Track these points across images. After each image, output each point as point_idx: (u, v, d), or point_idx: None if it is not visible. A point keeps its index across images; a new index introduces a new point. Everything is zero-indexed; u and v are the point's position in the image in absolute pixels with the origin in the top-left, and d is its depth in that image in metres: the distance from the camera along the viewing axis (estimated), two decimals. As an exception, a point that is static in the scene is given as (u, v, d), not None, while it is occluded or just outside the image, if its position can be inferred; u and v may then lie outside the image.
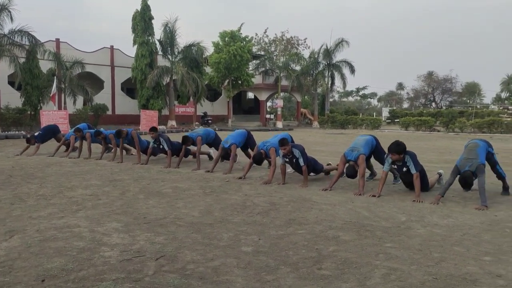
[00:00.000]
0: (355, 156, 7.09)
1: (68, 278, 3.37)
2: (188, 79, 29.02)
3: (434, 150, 15.15)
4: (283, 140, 7.58)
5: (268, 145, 8.19)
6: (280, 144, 7.55)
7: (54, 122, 21.67)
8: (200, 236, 4.49)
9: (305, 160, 7.54)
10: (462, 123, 29.57)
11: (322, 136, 23.77)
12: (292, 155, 7.53)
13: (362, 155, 7.08)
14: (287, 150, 7.49)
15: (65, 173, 8.78)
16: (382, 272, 3.52)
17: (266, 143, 8.29)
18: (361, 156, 7.05)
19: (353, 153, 7.17)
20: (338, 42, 37.87)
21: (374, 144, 7.66)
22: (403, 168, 6.66)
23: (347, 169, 7.12)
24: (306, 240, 4.36)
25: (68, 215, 5.38)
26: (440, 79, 64.78)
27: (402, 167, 6.66)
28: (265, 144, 8.29)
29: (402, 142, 6.65)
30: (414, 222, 5.08)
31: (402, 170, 6.72)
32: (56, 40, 30.67)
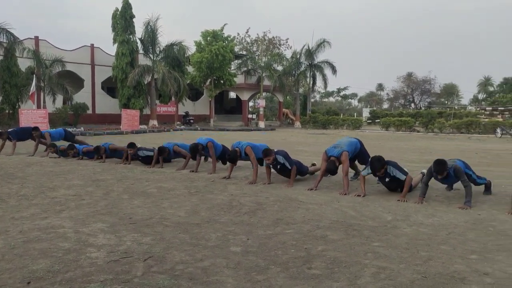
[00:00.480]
0: (338, 153, 7.09)
1: (54, 280, 3.30)
2: (169, 78, 28.82)
3: (414, 150, 15.34)
4: (266, 150, 7.54)
5: (243, 144, 8.14)
6: (264, 155, 7.50)
7: (34, 121, 21.38)
8: (188, 237, 4.45)
9: (291, 163, 7.54)
10: (441, 123, 30.03)
11: (304, 136, 23.86)
12: (276, 161, 7.50)
13: (345, 151, 7.09)
14: (271, 160, 7.46)
15: (47, 173, 8.61)
16: (371, 271, 3.54)
17: (241, 142, 8.25)
18: (344, 153, 7.06)
19: (335, 149, 7.19)
20: (319, 42, 38.07)
21: (358, 147, 7.67)
22: (386, 179, 6.67)
23: (328, 164, 7.07)
24: (294, 240, 4.36)
25: (51, 215, 5.27)
26: (419, 80, 65.73)
27: (385, 177, 6.66)
28: (240, 143, 8.24)
29: (381, 156, 6.62)
30: (400, 221, 5.13)
31: (384, 180, 6.72)
32: (35, 38, 30.11)
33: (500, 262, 3.79)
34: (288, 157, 7.61)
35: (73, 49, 32.39)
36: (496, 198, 6.58)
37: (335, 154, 7.08)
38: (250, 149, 7.96)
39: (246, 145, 8.02)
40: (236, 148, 8.09)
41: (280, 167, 7.56)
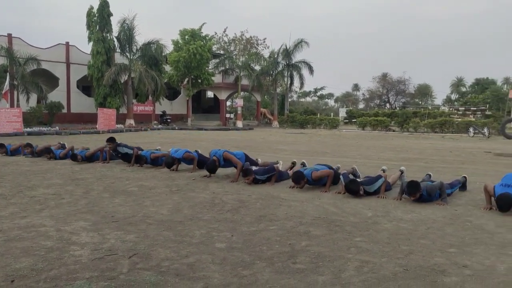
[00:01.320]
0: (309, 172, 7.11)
1: (39, 278, 3.26)
2: (146, 77, 28.58)
3: (391, 148, 15.60)
4: (246, 171, 7.43)
5: (220, 151, 8.06)
6: (243, 174, 7.43)
7: (7, 120, 20.89)
8: (172, 234, 4.45)
9: (272, 174, 7.53)
10: (416, 123, 30.58)
11: (282, 136, 23.97)
12: (256, 180, 7.46)
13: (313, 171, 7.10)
14: (251, 180, 7.37)
15: (24, 172, 8.46)
16: (355, 264, 3.62)
17: (218, 151, 8.14)
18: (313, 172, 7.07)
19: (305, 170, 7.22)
20: (297, 42, 38.33)
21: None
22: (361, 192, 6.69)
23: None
24: (278, 236, 4.41)
25: (31, 214, 5.19)
26: (394, 80, 66.78)
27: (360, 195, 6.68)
28: (217, 151, 8.15)
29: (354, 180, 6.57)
30: (380, 217, 5.23)
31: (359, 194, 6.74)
32: (8, 35, 29.43)
33: (478, 255, 3.92)
34: (267, 171, 7.56)
35: (47, 47, 31.77)
36: (471, 194, 6.78)
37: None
38: (228, 153, 7.92)
39: (223, 151, 7.98)
40: (214, 157, 7.98)
41: (261, 183, 7.50)
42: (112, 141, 9.67)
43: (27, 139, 15.70)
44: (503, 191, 5.61)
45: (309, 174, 6.99)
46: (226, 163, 8.05)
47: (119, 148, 9.61)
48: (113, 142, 9.63)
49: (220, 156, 7.94)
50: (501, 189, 5.70)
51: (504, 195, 5.53)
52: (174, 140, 17.87)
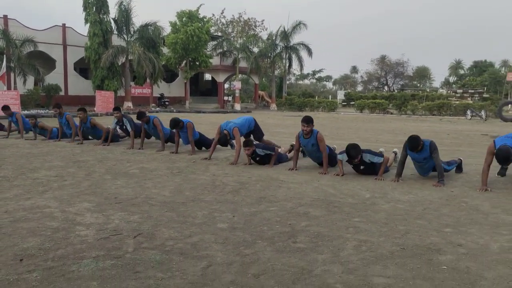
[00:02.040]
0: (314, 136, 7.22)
1: (46, 257, 3.36)
2: (144, 60, 28.44)
3: (389, 131, 15.70)
4: (247, 141, 7.57)
5: (231, 125, 8.21)
6: (244, 145, 7.54)
7: (5, 102, 20.82)
8: (174, 214, 4.55)
9: (272, 149, 7.65)
10: (414, 105, 30.67)
11: (281, 119, 24.03)
12: (255, 153, 7.60)
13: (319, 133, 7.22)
14: (250, 151, 7.52)
15: (24, 154, 8.53)
16: (353, 244, 3.73)
17: (229, 123, 8.29)
18: (318, 134, 7.18)
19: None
20: (295, 24, 38.04)
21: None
22: (361, 166, 6.80)
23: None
24: (278, 217, 4.51)
25: (35, 196, 5.28)
26: (392, 63, 66.63)
27: (359, 165, 6.78)
28: (227, 124, 8.30)
29: (357, 144, 6.69)
30: (378, 199, 5.34)
31: (359, 168, 6.84)
32: (4, 17, 29.13)
33: (473, 234, 4.03)
34: (267, 147, 7.71)
35: (43, 29, 31.49)
36: (467, 176, 6.89)
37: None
38: (237, 130, 8.04)
39: (234, 126, 8.08)
40: (225, 131, 8.13)
41: (259, 159, 7.62)
42: (118, 110, 10.06)
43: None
44: (502, 143, 5.75)
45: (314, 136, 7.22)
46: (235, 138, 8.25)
47: (124, 119, 9.85)
48: (120, 111, 9.98)
49: (230, 129, 8.12)
50: (500, 140, 5.84)
51: (503, 146, 5.66)
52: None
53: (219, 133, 8.21)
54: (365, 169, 6.78)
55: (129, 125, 9.77)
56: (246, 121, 8.64)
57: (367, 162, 6.67)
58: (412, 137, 6.30)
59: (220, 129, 8.26)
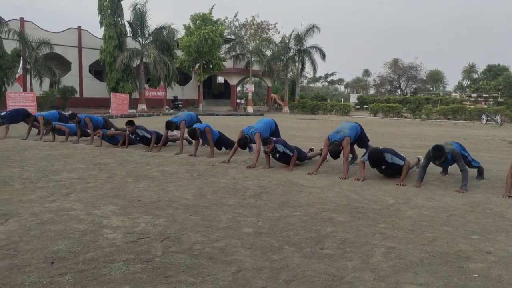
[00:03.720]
0: (340, 137, 7.22)
1: (77, 260, 3.39)
2: (159, 62, 28.61)
3: (405, 135, 15.59)
4: (266, 139, 7.63)
5: (252, 130, 8.24)
6: (263, 143, 7.60)
7: (21, 104, 21.10)
8: (199, 218, 4.56)
9: (292, 150, 7.66)
10: (428, 109, 30.42)
11: (294, 121, 23.99)
12: (275, 150, 7.62)
13: (347, 137, 7.24)
14: (270, 148, 7.57)
15: (45, 156, 8.61)
16: (381, 250, 3.70)
17: (250, 128, 8.32)
18: (346, 138, 7.20)
19: (337, 134, 7.32)
20: (309, 27, 38.02)
21: (359, 131, 7.85)
22: (382, 166, 6.80)
23: (332, 147, 7.18)
24: (303, 222, 4.50)
25: (59, 198, 5.33)
26: (405, 66, 66.25)
27: (381, 165, 6.79)
28: (249, 129, 8.33)
29: (377, 150, 6.69)
30: (402, 204, 5.30)
31: (381, 168, 6.86)
32: (20, 19, 29.54)
33: (501, 242, 3.99)
34: (287, 145, 7.72)
35: (59, 31, 31.87)
36: (489, 182, 6.82)
37: (337, 139, 7.21)
38: (259, 136, 8.07)
39: (255, 132, 8.14)
40: (246, 135, 8.20)
41: (279, 156, 7.66)
42: (131, 124, 9.87)
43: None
44: None
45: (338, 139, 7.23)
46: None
47: (138, 130, 9.80)
48: (132, 125, 9.82)
49: (252, 135, 8.19)
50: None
51: None
52: (187, 126, 17.96)
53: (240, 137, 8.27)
54: (387, 170, 6.76)
55: (146, 133, 9.79)
56: (267, 124, 8.69)
57: (389, 162, 6.65)
58: (436, 148, 6.26)
59: (241, 134, 8.31)
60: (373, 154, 6.57)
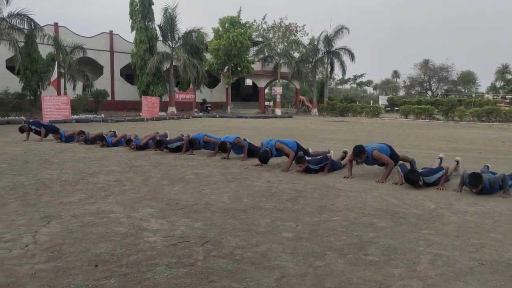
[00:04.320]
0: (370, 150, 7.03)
1: (120, 263, 3.40)
2: (189, 66, 28.87)
3: (440, 138, 15.22)
4: (299, 158, 7.49)
5: (273, 141, 8.13)
6: (296, 162, 7.49)
7: (56, 107, 21.61)
8: (237, 222, 4.53)
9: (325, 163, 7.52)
10: (461, 111, 29.69)
11: (324, 124, 23.79)
12: (308, 169, 7.47)
13: (374, 149, 7.03)
14: (303, 168, 7.42)
15: (81, 159, 8.76)
16: (428, 258, 3.59)
17: (270, 141, 8.20)
18: (374, 151, 7.00)
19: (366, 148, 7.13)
20: (338, 29, 37.68)
21: (389, 153, 7.51)
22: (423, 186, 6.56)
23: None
24: (343, 227, 4.41)
25: (98, 200, 5.39)
26: (436, 67, 64.99)
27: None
28: (269, 142, 8.19)
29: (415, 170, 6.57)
30: (444, 210, 5.15)
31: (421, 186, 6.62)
32: (54, 24, 30.31)
33: (554, 250, 3.81)
34: (320, 161, 7.56)
35: (92, 36, 32.55)
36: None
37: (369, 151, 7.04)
38: (280, 143, 7.97)
39: (275, 141, 8.03)
40: (267, 148, 8.03)
41: (313, 172, 7.51)
42: (160, 145, 9.91)
43: (76, 126, 16.28)
44: None
45: (370, 151, 6.94)
46: (278, 153, 8.11)
47: (169, 145, 9.83)
48: (161, 146, 9.88)
49: (272, 146, 7.99)
50: None
51: None
52: (217, 128, 18.06)
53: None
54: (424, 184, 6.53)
55: (177, 143, 9.81)
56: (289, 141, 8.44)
57: (429, 183, 6.43)
58: (474, 175, 5.93)
59: (262, 146, 8.25)
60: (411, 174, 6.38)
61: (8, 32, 23.56)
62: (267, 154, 7.98)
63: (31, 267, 3.32)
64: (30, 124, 12.50)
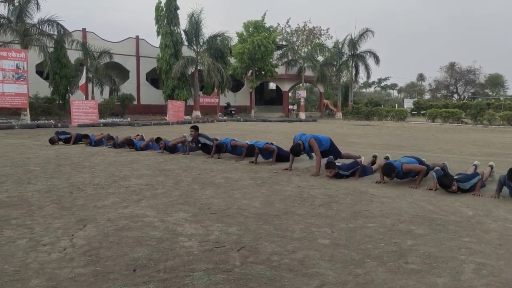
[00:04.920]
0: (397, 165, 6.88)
1: (158, 268, 3.39)
2: (213, 70, 29.05)
3: (471, 142, 14.88)
4: (329, 164, 7.40)
5: (307, 136, 8.06)
6: (326, 167, 7.40)
7: (84, 111, 21.99)
8: (271, 228, 4.48)
9: (355, 169, 7.41)
10: (490, 115, 29.01)
11: (350, 128, 23.57)
12: (339, 175, 7.38)
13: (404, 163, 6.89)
14: (333, 173, 7.32)
15: (112, 162, 8.86)
16: (471, 267, 3.47)
17: (303, 135, 8.15)
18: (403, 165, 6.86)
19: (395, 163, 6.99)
20: (362, 32, 37.46)
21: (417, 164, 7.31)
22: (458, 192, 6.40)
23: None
24: (380, 234, 4.32)
25: (131, 204, 5.42)
26: (463, 70, 63.80)
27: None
28: (303, 135, 8.15)
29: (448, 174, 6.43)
30: (483, 217, 4.99)
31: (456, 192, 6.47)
32: (82, 30, 30.93)
33: None
34: (350, 166, 7.45)
35: (118, 41, 33.09)
36: None
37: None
38: (314, 140, 7.89)
39: (310, 137, 7.95)
40: (299, 141, 8.01)
41: (344, 177, 7.41)
42: (196, 129, 10.02)
43: (103, 130, 16.55)
44: None
45: (399, 166, 6.80)
46: (310, 149, 8.05)
47: (200, 137, 9.88)
48: (197, 130, 9.97)
49: (306, 140, 7.93)
50: None
51: None
52: (243, 132, 18.07)
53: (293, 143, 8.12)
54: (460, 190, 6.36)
55: (208, 140, 9.88)
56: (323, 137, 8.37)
57: (465, 189, 6.26)
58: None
59: (294, 140, 8.17)
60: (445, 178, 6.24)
61: (38, 38, 24.17)
62: (299, 147, 7.92)
63: (71, 271, 3.34)
64: (59, 135, 12.72)
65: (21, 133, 16.82)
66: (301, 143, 7.97)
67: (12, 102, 21.24)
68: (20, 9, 22.76)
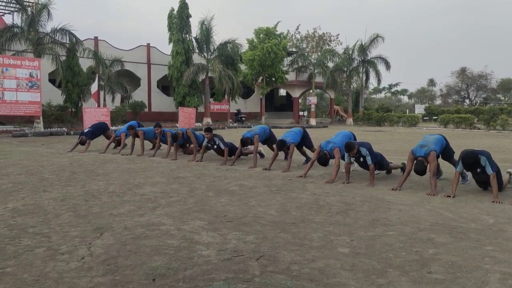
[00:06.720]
0: (425, 152, 6.87)
1: (177, 278, 3.35)
2: (224, 77, 29.12)
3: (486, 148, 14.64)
4: (349, 146, 7.50)
5: (331, 145, 8.04)
6: (347, 149, 7.50)
7: (97, 119, 22.05)
8: (289, 236, 4.43)
9: (373, 158, 7.43)
10: (504, 120, 28.68)
11: (361, 134, 23.38)
12: (359, 154, 7.44)
13: (433, 151, 6.87)
14: (354, 153, 7.45)
15: (125, 170, 8.87)
16: (497, 276, 3.39)
17: (329, 143, 8.12)
18: (432, 153, 6.83)
19: (422, 149, 6.97)
20: (373, 38, 37.33)
21: (444, 144, 7.45)
22: (477, 169, 6.43)
23: (416, 164, 6.86)
24: (400, 242, 4.25)
25: (147, 212, 5.40)
26: (474, 75, 63.36)
27: (476, 168, 6.43)
28: (328, 144, 8.13)
29: (472, 153, 6.38)
30: (505, 224, 4.90)
31: (476, 171, 6.49)
32: (94, 38, 31.20)
33: None
34: (371, 150, 7.53)
35: (130, 49, 33.32)
36: None
37: (422, 154, 6.86)
38: (338, 150, 7.87)
39: (335, 147, 7.93)
40: (325, 151, 8.04)
41: (363, 160, 7.48)
42: (210, 130, 10.21)
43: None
44: None
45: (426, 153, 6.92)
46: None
47: (215, 138, 10.11)
48: (210, 132, 10.16)
49: (331, 151, 8.00)
50: None
51: None
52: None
53: (318, 153, 8.10)
54: (481, 174, 6.33)
55: (222, 144, 9.95)
56: (346, 137, 8.43)
57: (483, 165, 6.25)
58: None
59: (320, 149, 8.15)
60: (468, 157, 6.24)
61: (51, 47, 24.40)
62: (326, 157, 8.04)
63: (90, 280, 3.32)
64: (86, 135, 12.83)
65: (35, 141, 16.94)
66: (327, 153, 8.06)
67: (25, 110, 21.42)
68: (32, 18, 23.00)
